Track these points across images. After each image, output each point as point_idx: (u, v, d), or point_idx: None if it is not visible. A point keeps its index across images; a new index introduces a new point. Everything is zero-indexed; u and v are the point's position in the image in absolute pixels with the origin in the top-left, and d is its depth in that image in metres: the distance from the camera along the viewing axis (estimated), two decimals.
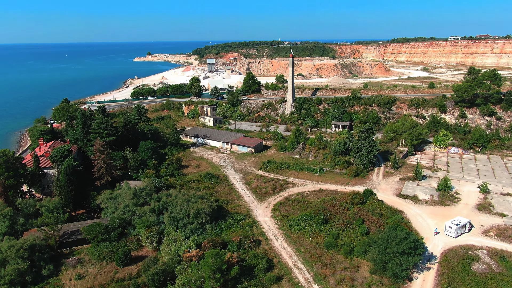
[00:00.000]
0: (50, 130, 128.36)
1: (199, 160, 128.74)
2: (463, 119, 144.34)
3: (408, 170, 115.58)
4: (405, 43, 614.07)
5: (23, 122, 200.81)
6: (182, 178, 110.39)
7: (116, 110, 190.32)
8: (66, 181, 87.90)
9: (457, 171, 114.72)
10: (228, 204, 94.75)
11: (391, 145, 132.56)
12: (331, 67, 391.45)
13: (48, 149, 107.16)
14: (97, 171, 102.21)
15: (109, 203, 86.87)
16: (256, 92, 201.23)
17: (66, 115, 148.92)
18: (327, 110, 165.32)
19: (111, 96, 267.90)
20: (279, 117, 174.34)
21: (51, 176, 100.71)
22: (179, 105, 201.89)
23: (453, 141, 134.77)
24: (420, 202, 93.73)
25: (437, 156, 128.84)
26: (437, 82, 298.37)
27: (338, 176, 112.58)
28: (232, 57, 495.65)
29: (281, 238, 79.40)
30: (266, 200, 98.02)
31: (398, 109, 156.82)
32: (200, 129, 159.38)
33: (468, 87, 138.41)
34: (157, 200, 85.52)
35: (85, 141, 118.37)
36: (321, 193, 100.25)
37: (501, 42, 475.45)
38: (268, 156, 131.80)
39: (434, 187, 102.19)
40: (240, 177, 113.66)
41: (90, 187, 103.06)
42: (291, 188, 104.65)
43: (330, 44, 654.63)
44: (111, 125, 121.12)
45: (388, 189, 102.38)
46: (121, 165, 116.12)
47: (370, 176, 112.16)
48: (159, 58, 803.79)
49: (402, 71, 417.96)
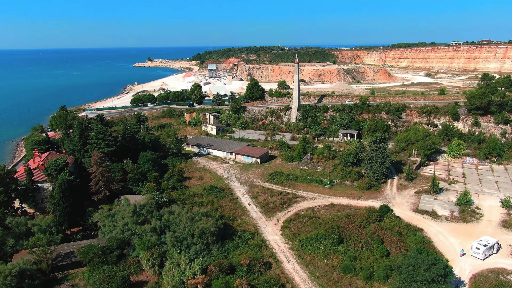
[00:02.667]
0: (45, 140, 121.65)
1: (202, 171, 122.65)
2: (476, 128, 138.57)
3: (423, 182, 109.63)
4: (406, 48, 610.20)
5: (20, 130, 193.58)
6: (185, 192, 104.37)
7: (115, 118, 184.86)
8: (60, 197, 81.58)
9: (475, 183, 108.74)
10: (235, 221, 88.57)
11: (403, 155, 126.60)
12: (333, 73, 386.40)
13: (42, 161, 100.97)
14: (94, 185, 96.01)
15: (107, 221, 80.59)
16: (260, 99, 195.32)
17: (63, 123, 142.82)
18: (334, 118, 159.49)
19: (110, 103, 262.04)
20: (284, 125, 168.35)
21: (45, 191, 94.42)
22: (180, 112, 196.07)
23: (467, 150, 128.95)
24: (440, 219, 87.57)
25: (452, 167, 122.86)
26: (442, 88, 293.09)
27: (349, 189, 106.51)
28: (233, 63, 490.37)
29: (293, 260, 73.16)
30: (275, 216, 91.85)
31: (408, 117, 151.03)
32: (202, 138, 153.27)
33: (482, 94, 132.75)
34: (158, 218, 79.27)
35: (82, 152, 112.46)
36: (332, 208, 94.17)
37: (503, 47, 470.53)
38: (274, 167, 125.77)
39: (453, 201, 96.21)
40: (246, 190, 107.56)
41: (87, 202, 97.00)
42: (301, 203, 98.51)
43: (331, 50, 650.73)
44: (109, 134, 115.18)
45: (404, 204, 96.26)
46: (120, 177, 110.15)
47: (383, 189, 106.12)
48: (159, 64, 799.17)
49: (405, 77, 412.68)
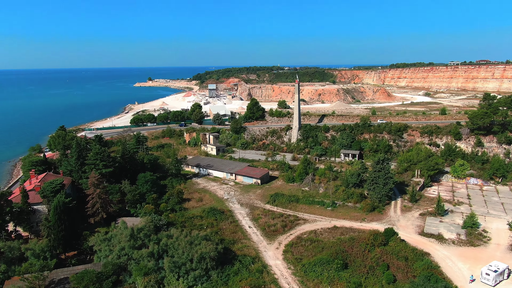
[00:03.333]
0: (43, 161, 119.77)
1: (201, 193, 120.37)
2: (479, 148, 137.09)
3: (427, 204, 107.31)
4: (405, 68, 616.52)
5: (18, 150, 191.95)
6: (184, 214, 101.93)
7: (114, 138, 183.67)
8: (56, 220, 79.25)
9: (480, 205, 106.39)
10: (235, 245, 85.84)
11: (406, 175, 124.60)
12: (333, 93, 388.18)
13: (39, 183, 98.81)
14: (91, 207, 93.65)
15: (103, 245, 77.89)
16: (260, 119, 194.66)
17: (62, 143, 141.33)
18: (335, 138, 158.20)
19: (110, 123, 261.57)
20: (284, 145, 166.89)
21: (40, 213, 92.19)
22: (180, 132, 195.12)
23: (471, 171, 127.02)
24: (446, 242, 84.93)
25: (456, 188, 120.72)
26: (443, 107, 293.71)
27: (352, 211, 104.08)
28: (233, 83, 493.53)
29: (296, 287, 70.25)
30: (276, 239, 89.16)
31: (410, 137, 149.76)
32: (202, 158, 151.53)
33: (484, 114, 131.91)
34: (156, 242, 76.65)
35: (80, 173, 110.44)
36: (336, 231, 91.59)
37: (501, 67, 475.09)
38: (275, 188, 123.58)
39: (459, 223, 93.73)
40: (247, 212, 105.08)
41: (84, 224, 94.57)
42: (303, 225, 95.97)
43: (330, 70, 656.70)
44: (108, 155, 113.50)
45: (409, 226, 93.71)
46: (118, 198, 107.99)
47: (387, 211, 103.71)
48: (160, 84, 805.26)
49: (405, 96, 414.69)
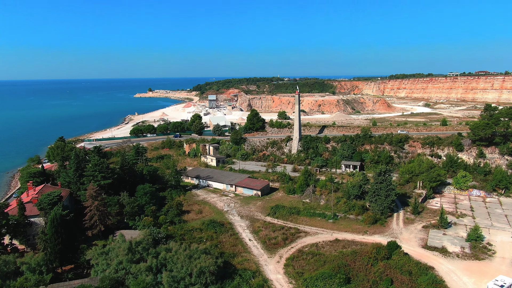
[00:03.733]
0: (41, 172, 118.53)
1: (201, 205, 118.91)
2: (481, 159, 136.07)
3: (429, 216, 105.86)
4: (404, 79, 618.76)
5: (17, 161, 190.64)
6: (183, 226, 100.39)
7: (114, 149, 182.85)
8: (52, 233, 77.67)
9: (484, 217, 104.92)
10: (235, 258, 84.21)
11: (407, 187, 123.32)
12: (333, 103, 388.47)
13: (36, 194, 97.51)
14: (89, 219, 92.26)
15: (100, 259, 76.26)
16: (260, 130, 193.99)
17: (61, 154, 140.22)
18: (336, 149, 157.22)
19: (109, 133, 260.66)
20: (285, 156, 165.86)
21: (37, 226, 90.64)
22: (180, 143, 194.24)
23: (473, 182, 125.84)
24: (450, 256, 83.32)
25: (459, 199, 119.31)
26: (442, 118, 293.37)
27: (354, 224, 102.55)
28: (233, 93, 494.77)
29: None
30: (277, 252, 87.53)
31: (411, 148, 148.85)
32: (202, 169, 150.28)
33: (485, 125, 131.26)
34: (155, 255, 75.08)
35: (78, 184, 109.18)
36: (337, 244, 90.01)
37: (500, 78, 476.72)
38: (276, 199, 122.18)
39: (463, 236, 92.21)
40: (247, 225, 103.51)
41: (82, 237, 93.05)
42: (304, 238, 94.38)
43: (329, 80, 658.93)
44: (107, 167, 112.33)
45: (412, 239, 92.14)
46: (117, 210, 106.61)
47: (389, 223, 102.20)
48: (160, 94, 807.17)
49: (405, 107, 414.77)
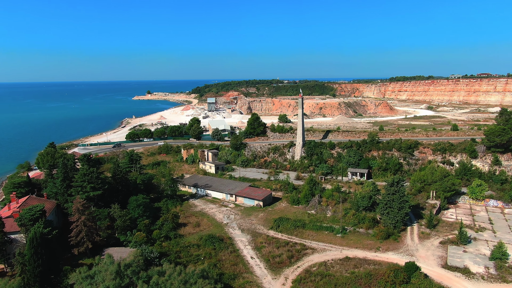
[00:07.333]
0: (26, 182, 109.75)
1: (199, 216, 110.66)
2: (497, 166, 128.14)
3: (446, 230, 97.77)
4: (406, 82, 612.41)
5: (7, 167, 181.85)
6: (179, 242, 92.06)
7: (108, 155, 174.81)
8: (31, 254, 69.42)
9: (505, 231, 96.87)
10: (236, 280, 76.03)
11: (420, 197, 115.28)
12: (334, 106, 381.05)
13: (18, 208, 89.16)
14: (75, 236, 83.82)
15: (85, 284, 67.76)
16: (261, 135, 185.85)
17: (50, 162, 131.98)
18: (341, 155, 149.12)
19: (105, 138, 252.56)
20: (287, 162, 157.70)
21: (18, 243, 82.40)
22: (177, 148, 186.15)
23: (489, 192, 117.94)
24: (475, 277, 75.18)
25: (475, 211, 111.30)
26: (446, 121, 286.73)
27: (364, 238, 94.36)
28: (232, 96, 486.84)
29: None
30: (282, 273, 79.30)
31: (422, 155, 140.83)
32: (200, 177, 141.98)
33: (502, 131, 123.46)
34: (145, 280, 66.74)
35: (66, 196, 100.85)
36: (348, 262, 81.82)
37: (503, 80, 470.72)
38: (279, 210, 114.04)
39: (485, 254, 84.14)
40: (248, 240, 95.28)
41: (68, 254, 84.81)
42: (311, 256, 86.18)
43: (329, 83, 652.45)
44: (97, 176, 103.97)
45: (430, 257, 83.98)
46: (108, 224, 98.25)
47: (403, 238, 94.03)
48: (159, 97, 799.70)
49: (407, 110, 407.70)
